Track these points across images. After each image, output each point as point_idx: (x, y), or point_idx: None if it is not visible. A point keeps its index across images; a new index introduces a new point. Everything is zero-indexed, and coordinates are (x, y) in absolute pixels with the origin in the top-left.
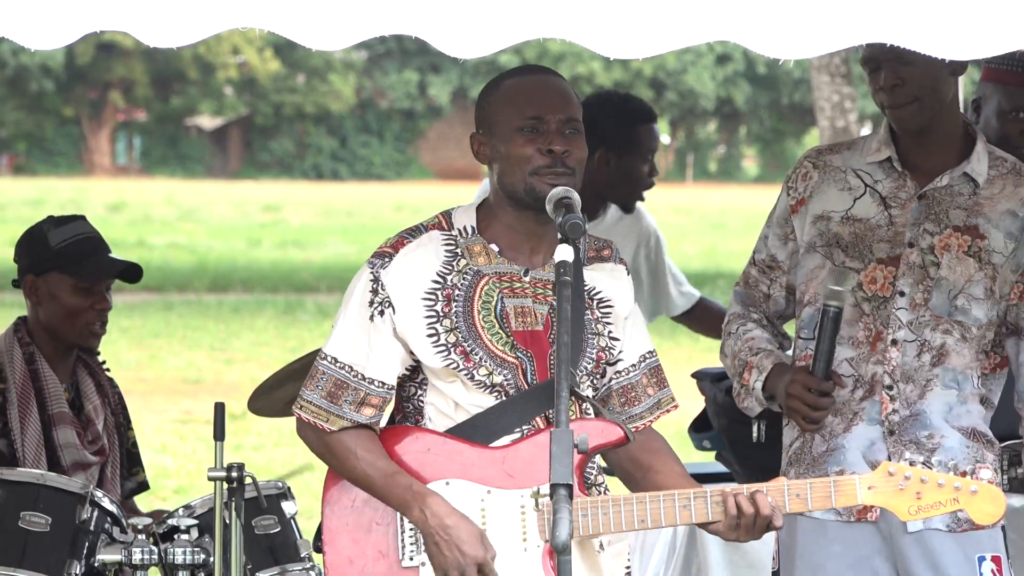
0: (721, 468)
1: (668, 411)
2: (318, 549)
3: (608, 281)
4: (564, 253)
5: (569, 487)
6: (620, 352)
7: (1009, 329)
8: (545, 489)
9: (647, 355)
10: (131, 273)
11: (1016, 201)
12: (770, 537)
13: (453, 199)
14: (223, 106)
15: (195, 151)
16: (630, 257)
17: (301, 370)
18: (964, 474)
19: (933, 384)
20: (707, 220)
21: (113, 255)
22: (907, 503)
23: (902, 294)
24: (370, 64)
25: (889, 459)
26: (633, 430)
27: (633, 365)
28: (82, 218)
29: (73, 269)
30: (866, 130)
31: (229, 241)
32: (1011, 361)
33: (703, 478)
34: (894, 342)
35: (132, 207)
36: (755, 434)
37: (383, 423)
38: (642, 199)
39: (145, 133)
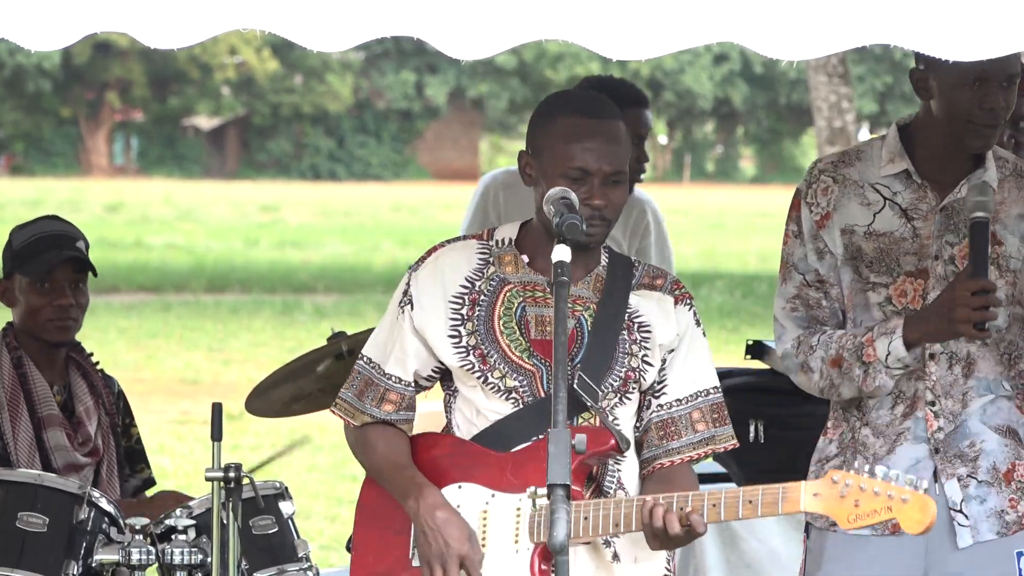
0: (719, 468)
1: (723, 447)
2: (349, 549)
3: (652, 308)
4: (562, 253)
5: (567, 487)
6: (664, 384)
7: (1018, 318)
8: (543, 489)
9: (705, 392)
10: (85, 264)
11: (1023, 204)
12: (778, 540)
13: (450, 199)
14: (220, 106)
15: (192, 151)
16: (625, 244)
17: (299, 371)
18: (1007, 474)
19: (970, 396)
20: (705, 220)
21: (71, 251)
22: (847, 511)
23: None
24: (367, 65)
25: (936, 477)
26: (667, 463)
27: (679, 400)
28: (49, 218)
29: (28, 267)
30: (864, 131)
31: (227, 241)
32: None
33: (701, 479)
34: (931, 356)
35: (129, 207)
36: (752, 434)
37: (415, 425)
38: (638, 180)
39: (142, 133)
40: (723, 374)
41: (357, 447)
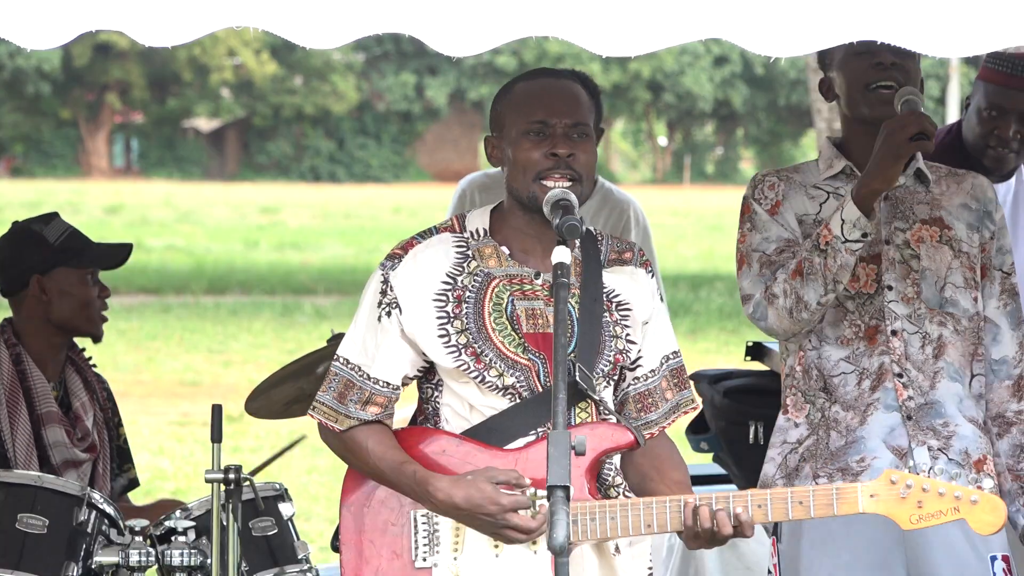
0: (719, 470)
1: (686, 412)
2: (336, 548)
3: (628, 284)
4: (561, 255)
5: (567, 489)
6: (640, 357)
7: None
8: (543, 491)
9: (670, 356)
10: (123, 255)
11: (964, 195)
12: (766, 541)
13: (450, 201)
14: (220, 108)
15: (192, 153)
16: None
17: (299, 372)
18: (978, 463)
19: (941, 376)
20: (704, 222)
21: (111, 246)
22: (908, 511)
23: (890, 288)
24: (367, 66)
25: (910, 445)
26: (647, 436)
27: (653, 371)
28: (57, 214)
29: (78, 261)
30: None
31: (227, 243)
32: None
33: (701, 480)
34: (894, 332)
35: (129, 209)
36: (752, 436)
37: (396, 420)
38: None
39: (142, 135)
40: (723, 375)
41: (345, 451)
